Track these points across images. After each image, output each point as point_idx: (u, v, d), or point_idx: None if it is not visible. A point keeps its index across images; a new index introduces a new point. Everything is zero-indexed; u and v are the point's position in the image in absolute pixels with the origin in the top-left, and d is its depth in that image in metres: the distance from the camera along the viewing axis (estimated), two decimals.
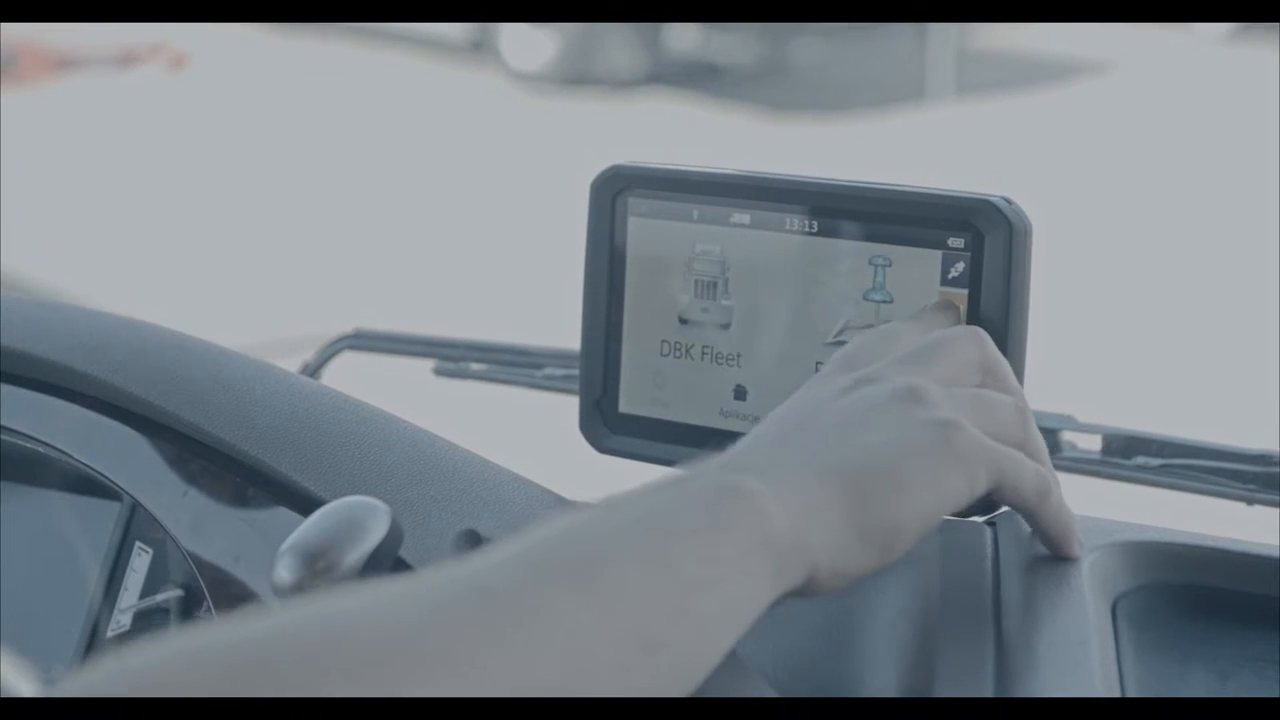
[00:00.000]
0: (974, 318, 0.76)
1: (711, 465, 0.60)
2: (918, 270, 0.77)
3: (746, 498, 0.56)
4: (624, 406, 0.84)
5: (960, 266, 0.76)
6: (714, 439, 0.82)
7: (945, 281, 0.76)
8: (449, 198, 5.76)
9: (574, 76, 7.46)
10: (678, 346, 0.83)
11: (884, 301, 0.78)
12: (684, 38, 7.44)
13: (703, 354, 0.83)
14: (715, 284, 0.82)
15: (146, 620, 0.85)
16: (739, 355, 0.82)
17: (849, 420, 0.61)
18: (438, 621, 0.49)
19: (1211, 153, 6.29)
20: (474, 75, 7.84)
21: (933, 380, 0.64)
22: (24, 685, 0.54)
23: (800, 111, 7.01)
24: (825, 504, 0.58)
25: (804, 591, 0.58)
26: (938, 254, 0.76)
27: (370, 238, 5.23)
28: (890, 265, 0.78)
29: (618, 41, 7.38)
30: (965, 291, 0.76)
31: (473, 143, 6.58)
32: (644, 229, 0.83)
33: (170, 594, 0.84)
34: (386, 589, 0.51)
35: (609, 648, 0.51)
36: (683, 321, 0.83)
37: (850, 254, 0.79)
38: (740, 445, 0.62)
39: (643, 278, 0.83)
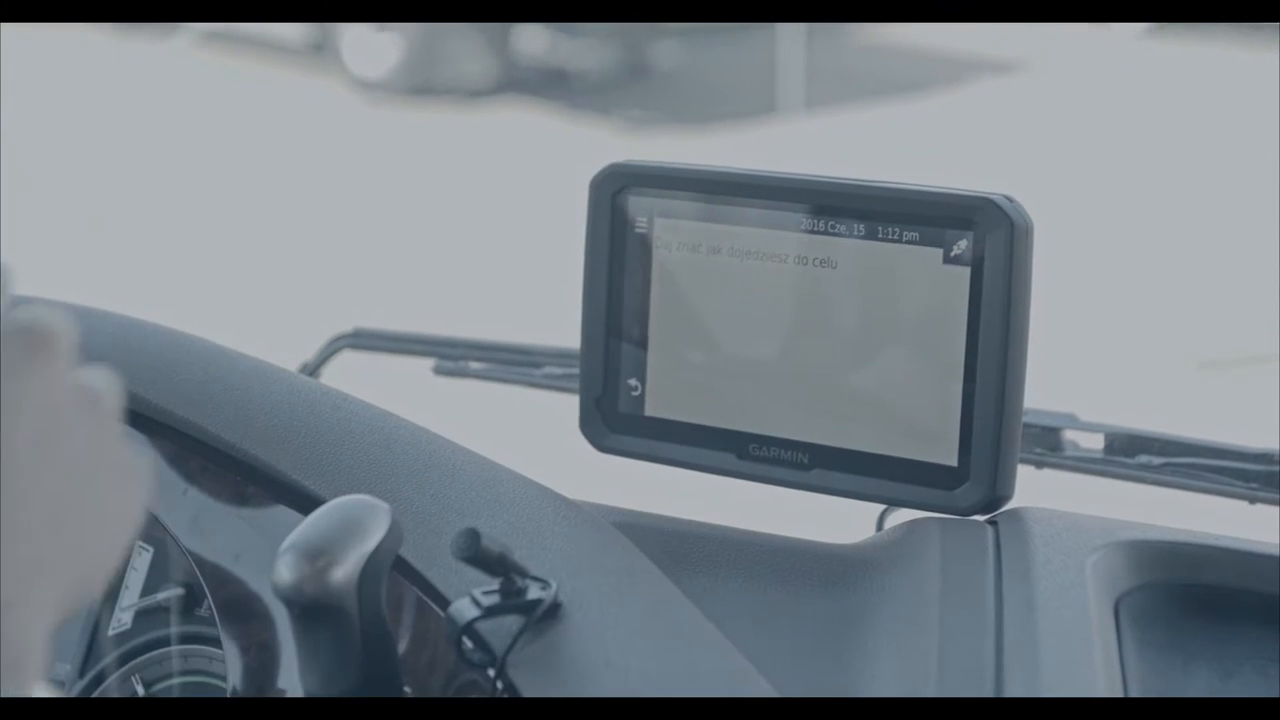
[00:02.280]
0: (975, 316, 0.76)
1: None
2: (919, 267, 0.77)
3: None
4: (623, 406, 0.84)
5: (962, 246, 0.76)
6: (715, 438, 0.82)
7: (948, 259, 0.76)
8: (266, 217, 5.00)
9: (420, 84, 6.78)
10: (679, 345, 0.83)
11: (882, 298, 0.78)
12: (534, 42, 6.84)
13: (704, 352, 0.83)
14: (716, 281, 0.82)
15: (147, 618, 0.85)
16: (740, 353, 0.82)
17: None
18: None
19: (1146, 154, 5.82)
20: (313, 81, 6.99)
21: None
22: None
23: (658, 124, 6.35)
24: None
25: None
26: (938, 251, 0.76)
27: (186, 259, 4.54)
28: (892, 260, 0.78)
29: (465, 46, 6.75)
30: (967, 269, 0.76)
31: (300, 158, 5.78)
32: (643, 227, 0.83)
33: (170, 592, 0.84)
34: None
35: None
36: (684, 320, 0.83)
37: (851, 251, 0.78)
38: None
39: (643, 276, 0.83)
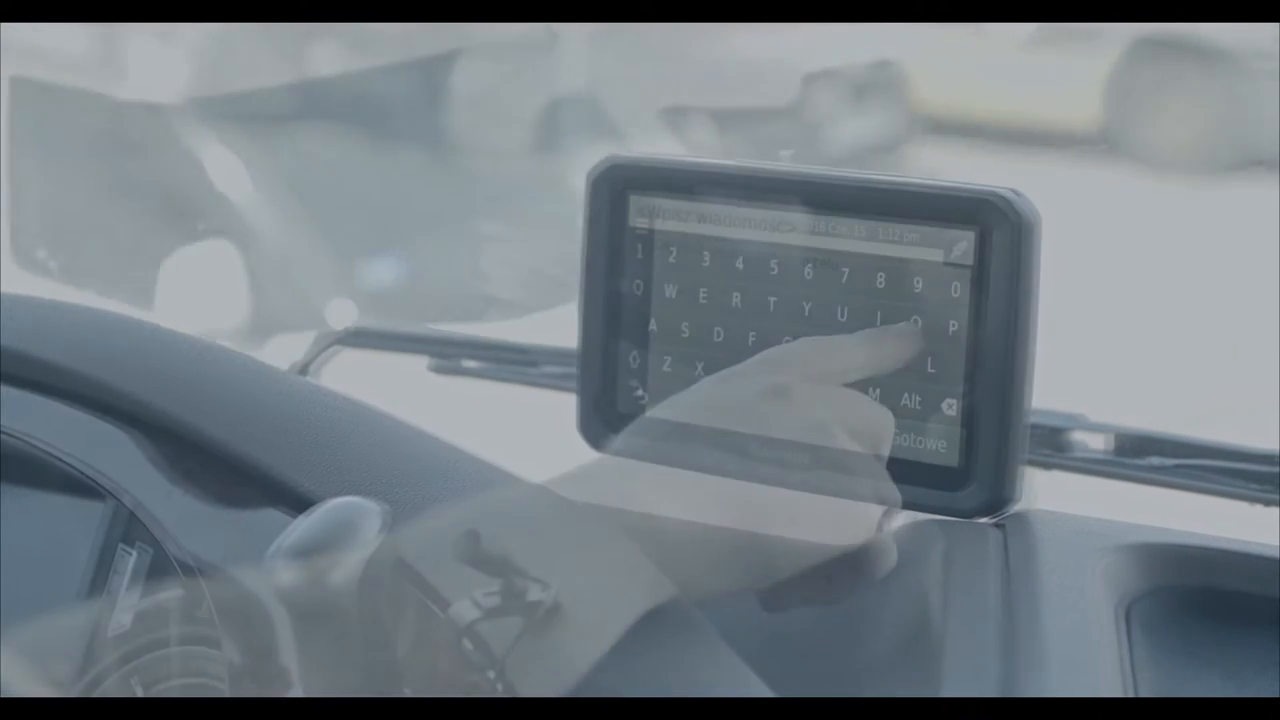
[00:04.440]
0: (980, 315, 0.75)
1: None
2: (922, 263, 0.76)
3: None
4: (622, 406, 0.84)
5: (964, 247, 0.75)
6: (717, 438, 0.81)
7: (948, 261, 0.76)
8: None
9: (208, 105, 6.51)
10: (679, 344, 0.82)
11: (885, 299, 0.77)
12: (332, 62, 6.67)
13: (705, 352, 0.82)
14: (716, 279, 0.81)
15: (146, 619, 0.84)
16: (741, 351, 0.81)
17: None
18: None
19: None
20: (94, 101, 6.66)
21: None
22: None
23: (471, 154, 6.10)
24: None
25: None
26: (942, 248, 0.76)
27: None
28: (894, 260, 0.77)
29: (256, 66, 6.51)
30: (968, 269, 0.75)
31: (69, 191, 5.49)
32: (642, 223, 0.82)
33: (170, 593, 0.84)
34: None
35: None
36: (684, 318, 0.82)
37: (853, 248, 0.78)
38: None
39: (642, 273, 0.82)
